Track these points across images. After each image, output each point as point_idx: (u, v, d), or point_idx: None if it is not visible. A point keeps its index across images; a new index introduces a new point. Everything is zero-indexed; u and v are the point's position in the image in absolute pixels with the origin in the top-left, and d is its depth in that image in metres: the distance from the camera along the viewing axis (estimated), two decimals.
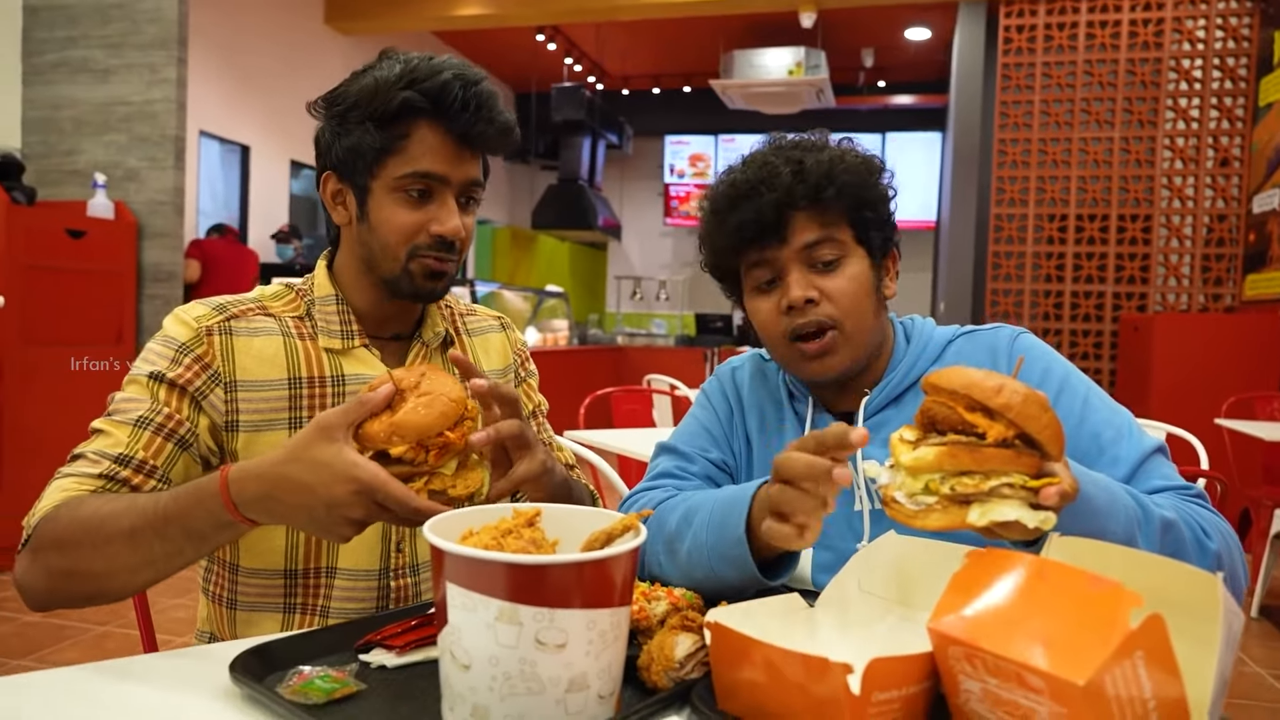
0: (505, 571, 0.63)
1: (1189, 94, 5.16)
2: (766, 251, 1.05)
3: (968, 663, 0.62)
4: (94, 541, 0.87)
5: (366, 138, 1.03)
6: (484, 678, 0.64)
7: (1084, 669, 0.55)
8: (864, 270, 1.06)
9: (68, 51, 4.33)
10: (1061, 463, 0.74)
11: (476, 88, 1.03)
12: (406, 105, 1.01)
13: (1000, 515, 0.71)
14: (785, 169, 1.03)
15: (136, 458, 0.96)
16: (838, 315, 1.04)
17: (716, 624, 0.69)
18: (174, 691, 0.76)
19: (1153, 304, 5.24)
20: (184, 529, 0.85)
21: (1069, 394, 1.03)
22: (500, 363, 1.26)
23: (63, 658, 2.76)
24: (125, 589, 0.90)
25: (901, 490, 0.75)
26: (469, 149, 1.06)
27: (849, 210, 1.05)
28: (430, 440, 0.84)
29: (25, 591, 0.92)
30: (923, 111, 10.71)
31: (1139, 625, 0.56)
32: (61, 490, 0.93)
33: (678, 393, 4.06)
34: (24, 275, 3.62)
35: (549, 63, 10.02)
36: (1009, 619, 0.62)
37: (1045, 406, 0.73)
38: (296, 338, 1.09)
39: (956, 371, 0.75)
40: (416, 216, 1.05)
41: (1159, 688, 0.58)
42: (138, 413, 0.99)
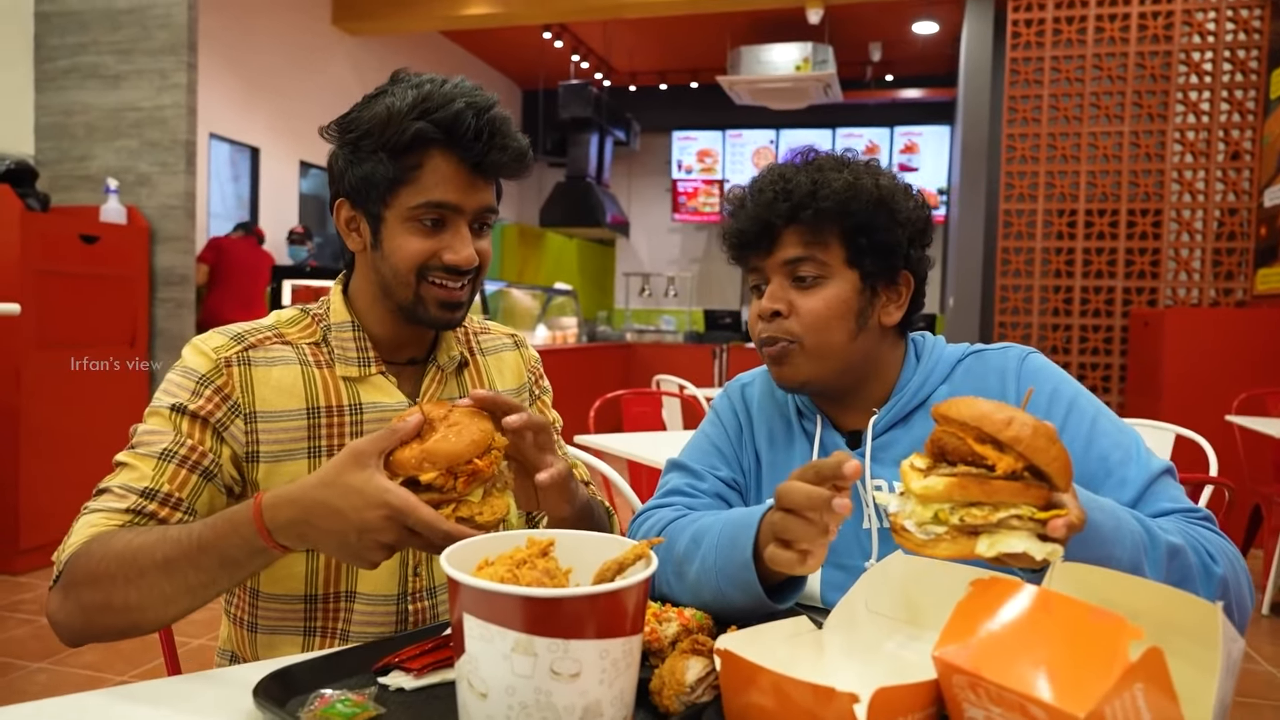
0: (521, 604, 0.64)
1: (1199, 87, 5.13)
2: (755, 259, 1.10)
3: (971, 691, 0.64)
4: (128, 574, 0.88)
5: (379, 168, 1.03)
6: (501, 706, 0.66)
7: (1085, 701, 0.57)
8: (846, 293, 1.07)
9: (79, 58, 4.37)
10: (1070, 493, 0.76)
11: (489, 115, 1.03)
12: (419, 136, 1.01)
13: (1008, 547, 0.73)
14: (772, 187, 1.07)
15: (162, 491, 0.98)
16: (798, 332, 1.07)
17: (726, 650, 0.71)
18: (198, 715, 0.78)
19: (1163, 299, 5.23)
20: (218, 557, 0.87)
21: (1077, 416, 1.04)
22: (515, 381, 1.27)
23: (79, 660, 2.80)
24: (160, 620, 0.92)
25: (911, 519, 0.77)
26: (482, 177, 1.07)
27: (840, 232, 1.06)
28: (459, 467, 0.86)
29: (60, 628, 0.93)
30: (931, 106, 10.68)
31: (1139, 658, 0.57)
32: (90, 526, 0.94)
33: (686, 393, 4.08)
34: (39, 280, 3.66)
35: (556, 60, 10.02)
36: (1012, 649, 0.63)
37: (1053, 439, 0.74)
38: (314, 366, 1.10)
39: (967, 403, 0.77)
40: (429, 245, 1.05)
41: (1158, 716, 0.59)
42: (161, 445, 1.00)
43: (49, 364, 3.71)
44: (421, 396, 1.14)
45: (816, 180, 1.06)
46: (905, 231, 1.08)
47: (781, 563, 0.83)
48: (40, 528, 3.69)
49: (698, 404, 3.84)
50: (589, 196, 10.36)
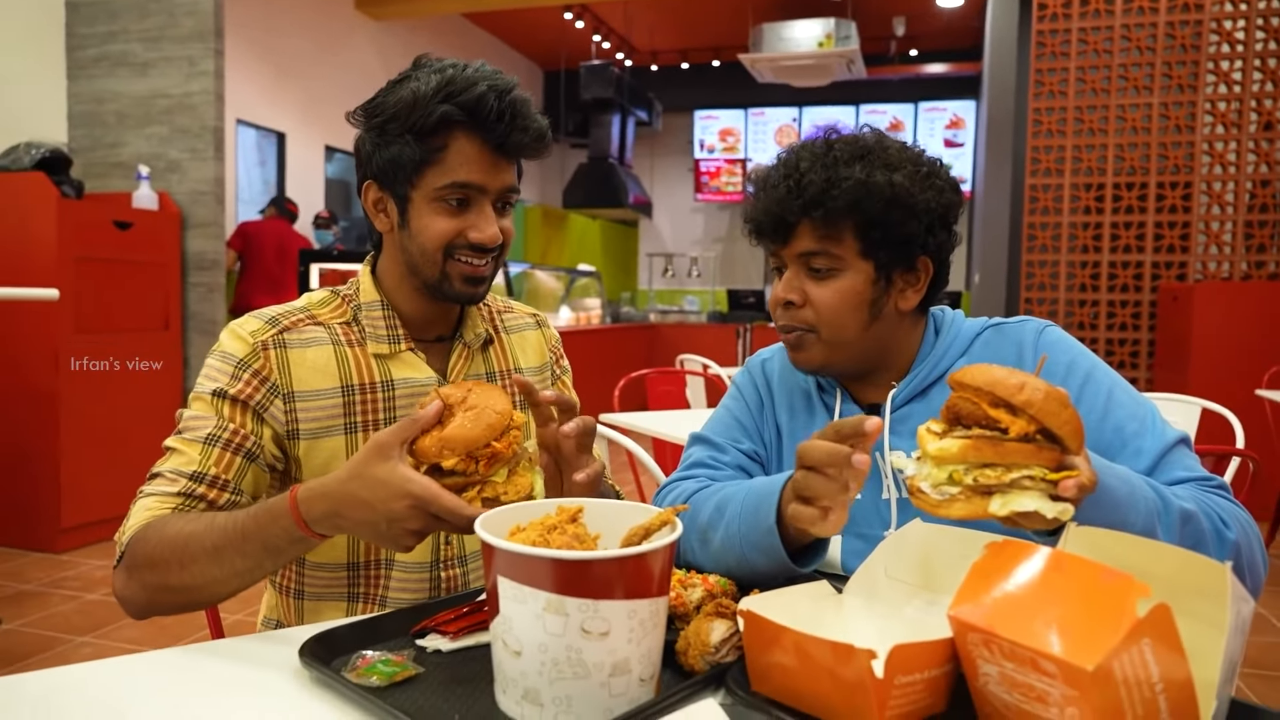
0: (552, 566, 0.68)
1: (1231, 56, 5.04)
2: (774, 246, 1.12)
3: (985, 648, 0.66)
4: (181, 560, 0.94)
5: (406, 150, 1.07)
6: (534, 663, 0.70)
7: (1093, 655, 0.59)
8: (859, 284, 1.08)
9: (108, 46, 4.43)
10: (1082, 456, 0.78)
11: (510, 97, 1.07)
12: (444, 118, 1.05)
13: (1020, 506, 0.75)
14: (785, 182, 1.07)
15: (209, 474, 1.03)
16: (814, 322, 1.09)
17: (749, 611, 0.74)
18: (250, 672, 0.82)
19: (1193, 273, 5.16)
20: (262, 545, 0.92)
21: (1093, 388, 1.05)
22: (537, 360, 1.31)
23: (122, 635, 2.89)
24: (215, 598, 0.99)
25: (927, 481, 0.79)
26: (505, 158, 1.10)
27: (855, 226, 1.07)
28: (479, 451, 0.88)
29: (126, 604, 1.00)
30: (956, 80, 10.54)
31: (1146, 614, 0.60)
32: (146, 510, 1.00)
33: (710, 372, 4.10)
34: (75, 267, 3.74)
35: (577, 41, 10.00)
36: (1025, 607, 0.66)
37: (1065, 403, 0.76)
38: (346, 345, 1.14)
39: (981, 369, 0.79)
40: (454, 224, 1.09)
41: (1166, 670, 0.61)
42: (206, 430, 1.05)
43: (87, 348, 3.80)
44: (449, 373, 1.18)
45: (830, 179, 1.05)
46: (923, 221, 1.07)
47: (804, 519, 0.86)
48: (80, 507, 3.80)
49: (721, 383, 3.86)
50: (611, 177, 10.35)
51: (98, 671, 0.83)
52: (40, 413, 3.73)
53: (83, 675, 0.82)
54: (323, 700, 0.76)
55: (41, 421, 3.73)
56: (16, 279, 3.63)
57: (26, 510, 3.78)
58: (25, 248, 3.71)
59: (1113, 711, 0.60)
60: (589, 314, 8.12)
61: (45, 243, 3.68)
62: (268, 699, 0.77)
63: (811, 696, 0.71)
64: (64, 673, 0.82)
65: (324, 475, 1.07)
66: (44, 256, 3.68)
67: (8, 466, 3.80)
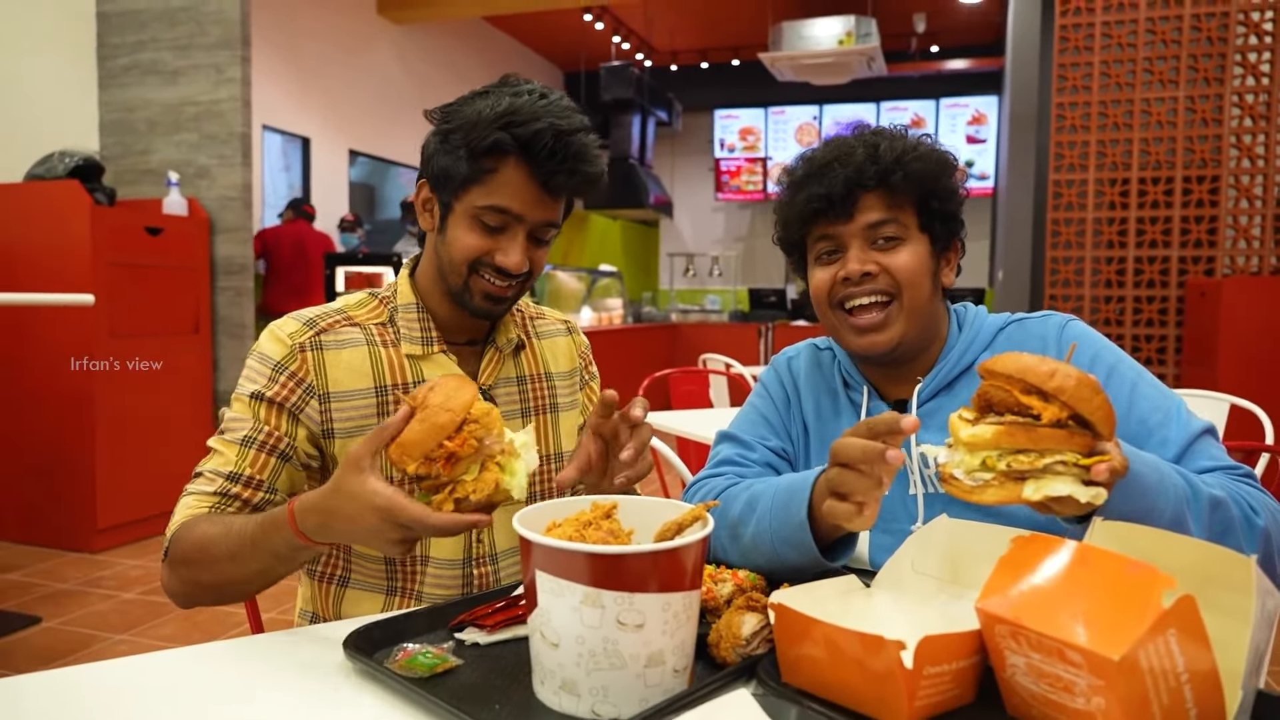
0: (589, 561, 0.70)
1: (1259, 48, 4.97)
2: (832, 227, 1.12)
3: (1013, 640, 0.68)
4: (205, 562, 1.00)
5: (459, 164, 1.10)
6: (571, 655, 0.72)
7: (1119, 645, 0.60)
8: (924, 253, 1.12)
9: (138, 55, 4.51)
10: (1113, 442, 0.79)
11: (569, 139, 1.09)
12: (497, 144, 1.08)
13: (1054, 490, 0.76)
14: (860, 149, 1.10)
15: (245, 474, 1.08)
16: (895, 287, 1.10)
17: (780, 604, 0.76)
18: (293, 664, 0.85)
19: (1220, 268, 5.10)
20: (270, 553, 0.96)
21: (1118, 380, 1.06)
22: (567, 365, 1.34)
23: (158, 633, 2.95)
24: (242, 595, 1.05)
25: (960, 468, 0.80)
26: (550, 194, 1.12)
27: (916, 198, 1.11)
28: (434, 453, 0.86)
29: (171, 595, 1.06)
30: (977, 76, 10.47)
31: (1172, 605, 0.61)
32: (186, 508, 1.06)
33: (733, 371, 4.11)
34: (109, 272, 3.82)
35: (597, 42, 10.03)
36: (1051, 600, 0.67)
37: (1097, 389, 0.78)
38: (380, 345, 1.18)
39: (1012, 357, 0.80)
40: (485, 243, 1.13)
41: (1191, 661, 0.62)
42: (243, 432, 1.10)
43: (120, 351, 3.87)
44: (479, 375, 1.21)
45: (902, 146, 1.10)
46: (960, 200, 1.14)
47: (839, 515, 0.88)
48: (116, 508, 3.87)
49: (744, 382, 3.87)
50: (632, 178, 10.37)
51: (137, 667, 0.86)
52: (76, 415, 3.80)
53: (122, 670, 0.85)
54: (366, 690, 0.79)
55: (77, 424, 3.80)
56: (52, 284, 3.71)
57: (63, 511, 3.86)
58: (60, 254, 3.79)
59: (1138, 701, 0.61)
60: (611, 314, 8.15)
61: (79, 249, 3.76)
62: (312, 690, 0.80)
63: (841, 687, 0.73)
64: (107, 667, 0.85)
65: None
66: (78, 262, 3.76)
67: (45, 468, 3.89)
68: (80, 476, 3.81)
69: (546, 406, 1.28)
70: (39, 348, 3.86)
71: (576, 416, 1.33)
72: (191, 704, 0.78)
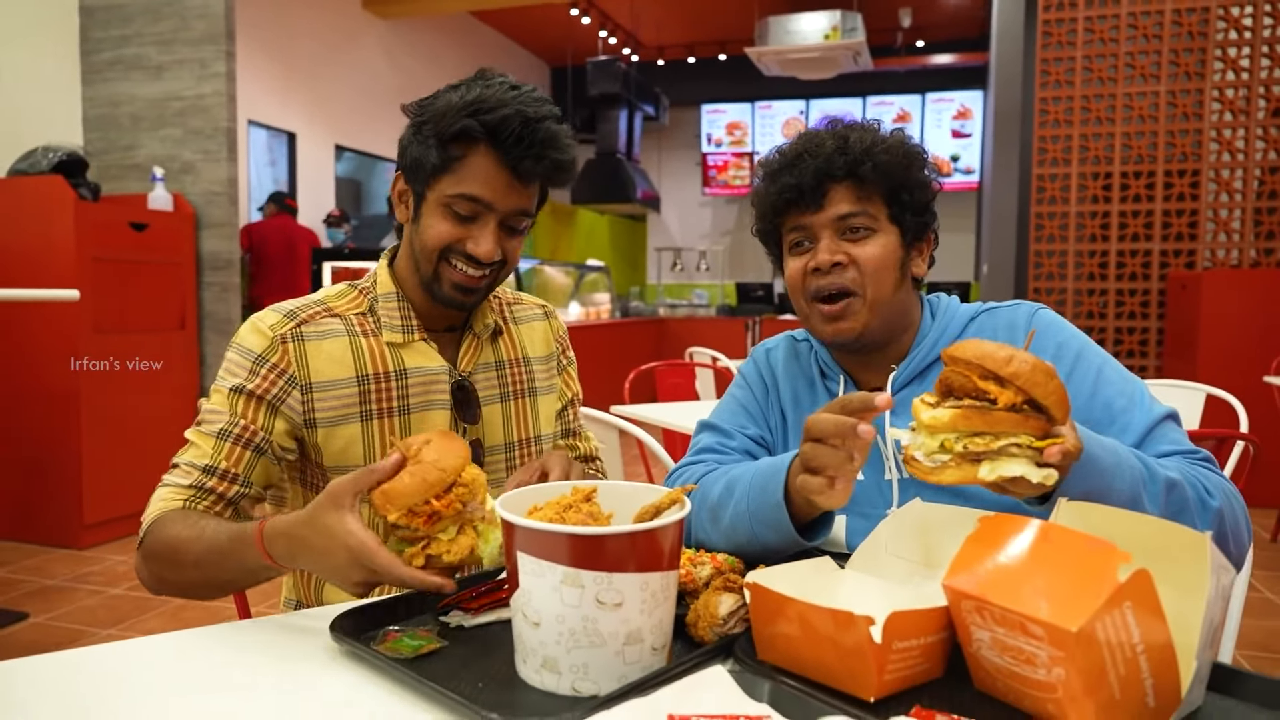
0: (569, 541, 0.72)
1: (1239, 43, 5.03)
2: (804, 217, 1.14)
3: (978, 614, 0.70)
4: (173, 562, 1.02)
5: (430, 153, 1.12)
6: (552, 633, 0.74)
7: (1077, 618, 0.63)
8: (892, 245, 1.14)
9: (122, 50, 4.49)
10: (1067, 425, 0.82)
11: (537, 125, 1.10)
12: (465, 131, 1.10)
13: (1008, 471, 0.80)
14: (830, 141, 1.13)
15: (220, 467, 1.10)
16: (860, 281, 1.12)
17: (755, 584, 0.78)
18: (281, 649, 0.87)
19: (1201, 261, 5.16)
20: (237, 566, 0.98)
21: (1083, 366, 1.09)
22: (544, 350, 1.36)
23: (145, 627, 2.95)
24: (207, 598, 1.06)
25: (920, 449, 0.84)
26: (520, 181, 1.13)
27: (886, 190, 1.13)
28: (419, 508, 0.87)
29: (142, 582, 1.08)
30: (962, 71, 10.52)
31: (1127, 579, 0.64)
32: (161, 500, 1.08)
33: (719, 364, 4.14)
34: (93, 268, 3.81)
35: (584, 36, 10.03)
36: (1015, 576, 0.69)
37: (1051, 375, 0.80)
38: (361, 335, 1.20)
39: (972, 344, 0.83)
40: (457, 231, 1.14)
41: (1147, 634, 0.65)
42: (219, 425, 1.12)
43: (106, 348, 3.86)
44: (459, 361, 1.24)
45: (871, 139, 1.13)
46: (931, 193, 1.17)
47: (811, 489, 0.90)
48: (102, 504, 3.87)
49: (730, 375, 3.90)
50: (619, 172, 10.39)
51: (124, 652, 0.87)
52: (61, 411, 3.80)
53: (107, 656, 0.86)
54: (353, 671, 0.81)
55: (63, 420, 3.80)
56: (36, 280, 3.70)
57: (50, 507, 3.85)
58: (44, 249, 3.78)
59: (1096, 671, 0.64)
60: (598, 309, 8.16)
61: (64, 244, 3.75)
62: (299, 671, 0.82)
63: (814, 663, 0.75)
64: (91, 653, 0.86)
65: (344, 460, 1.14)
66: (63, 258, 3.75)
67: (31, 464, 3.88)
68: (67, 472, 3.81)
69: (524, 391, 1.30)
70: (24, 344, 3.85)
71: (554, 401, 1.36)
72: (177, 687, 0.79)
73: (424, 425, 1.20)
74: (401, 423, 1.19)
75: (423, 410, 1.21)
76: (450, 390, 1.22)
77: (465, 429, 1.24)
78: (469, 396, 1.23)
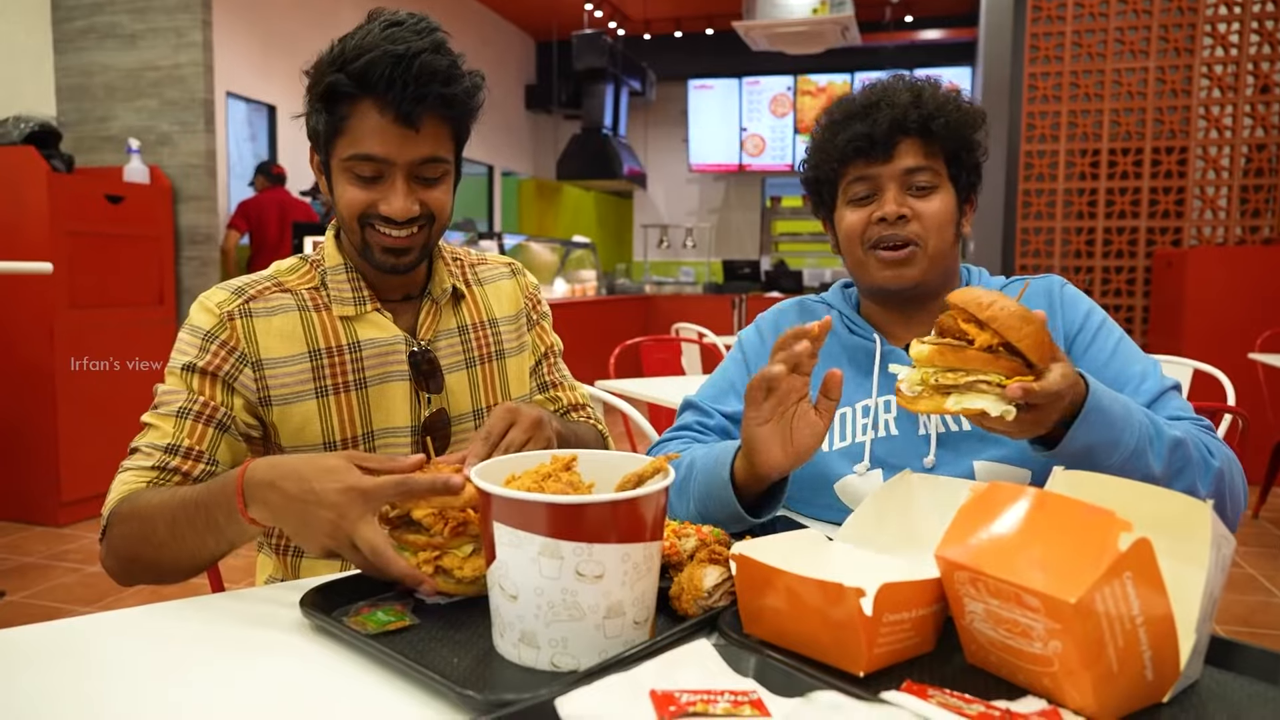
0: (547, 511, 0.69)
1: (1228, 19, 5.00)
2: (871, 168, 1.15)
3: (972, 586, 0.68)
4: (145, 534, 0.97)
5: (319, 118, 1.07)
6: (530, 606, 0.71)
7: (1075, 589, 0.60)
8: (951, 202, 1.16)
9: (95, 18, 4.38)
10: (1054, 371, 0.86)
11: (411, 61, 1.01)
12: (334, 88, 1.03)
13: (970, 404, 0.86)
14: (906, 94, 1.14)
15: (183, 446, 1.05)
16: (923, 234, 1.14)
17: (741, 555, 0.75)
18: (254, 623, 0.84)
19: (1188, 238, 5.15)
20: (205, 519, 0.92)
21: (1104, 335, 1.14)
22: (512, 308, 1.31)
23: (124, 605, 2.88)
24: (178, 573, 1.00)
25: (905, 381, 0.91)
26: (409, 127, 1.04)
27: (950, 149, 1.15)
28: (451, 513, 0.85)
29: (109, 573, 1.03)
30: (951, 46, 10.46)
31: (1128, 548, 0.61)
32: (123, 484, 1.03)
33: (706, 340, 4.11)
34: (68, 241, 3.73)
35: (569, 9, 9.89)
36: (1009, 546, 0.67)
37: (1028, 320, 0.86)
38: (312, 309, 1.15)
39: (967, 290, 0.89)
40: (366, 195, 1.08)
41: (1147, 605, 0.63)
42: (178, 404, 1.07)
43: (81, 323, 3.79)
44: (418, 330, 1.19)
45: (944, 96, 1.15)
46: (984, 156, 1.19)
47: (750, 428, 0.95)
48: (80, 481, 3.81)
49: (717, 350, 3.87)
50: (605, 148, 10.28)
51: (95, 625, 0.84)
52: (37, 388, 3.73)
53: (84, 628, 0.84)
54: (323, 647, 0.78)
55: (39, 396, 3.73)
56: (8, 254, 3.62)
57: (27, 485, 3.80)
58: (17, 223, 3.69)
59: (1094, 644, 0.61)
60: (584, 286, 8.11)
61: (37, 217, 3.67)
62: (271, 646, 0.79)
63: (802, 637, 0.73)
64: (66, 625, 0.83)
65: (301, 439, 1.10)
66: (36, 231, 3.67)
67: (7, 442, 3.81)
68: (43, 449, 3.75)
69: (491, 354, 1.26)
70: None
71: (526, 359, 1.31)
72: (148, 660, 0.76)
73: (383, 398, 1.16)
74: (359, 397, 1.14)
75: (380, 383, 1.16)
76: (409, 360, 1.17)
77: (429, 399, 1.19)
78: (431, 366, 1.19)
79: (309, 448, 1.13)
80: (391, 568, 0.82)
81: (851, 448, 1.15)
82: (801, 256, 11.23)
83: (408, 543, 0.85)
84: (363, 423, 1.15)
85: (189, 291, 4.41)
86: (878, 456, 1.13)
